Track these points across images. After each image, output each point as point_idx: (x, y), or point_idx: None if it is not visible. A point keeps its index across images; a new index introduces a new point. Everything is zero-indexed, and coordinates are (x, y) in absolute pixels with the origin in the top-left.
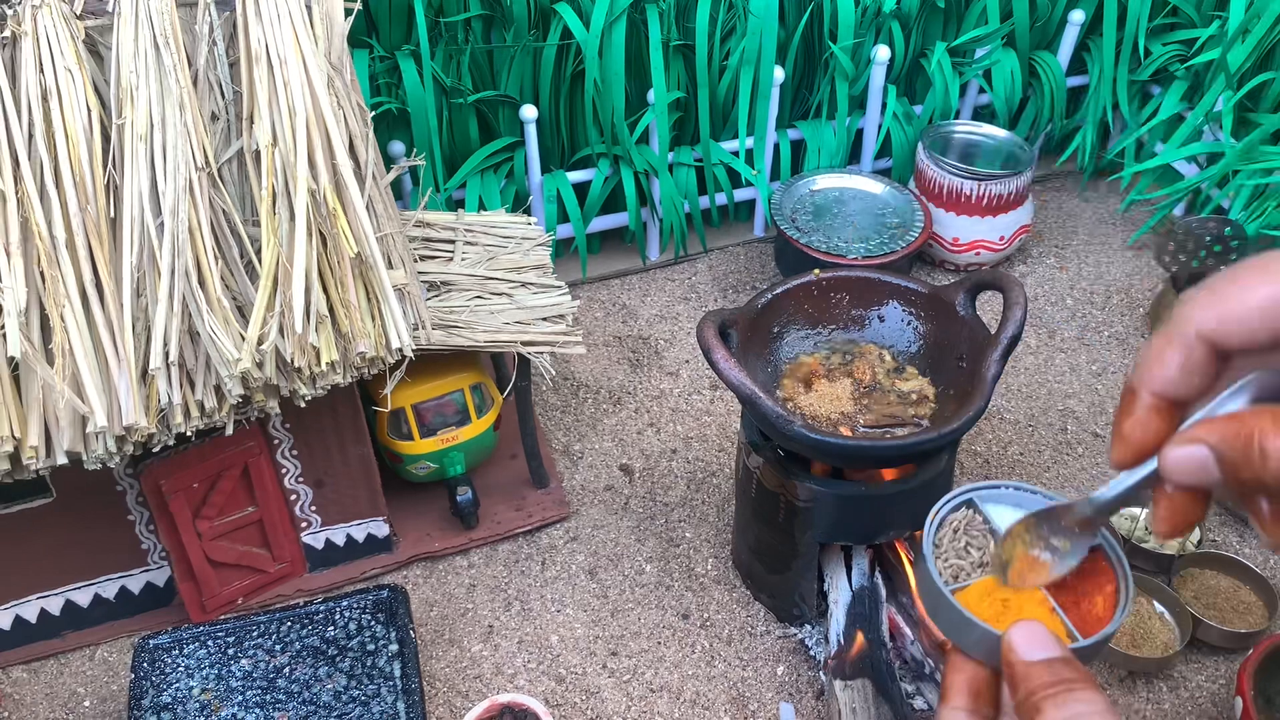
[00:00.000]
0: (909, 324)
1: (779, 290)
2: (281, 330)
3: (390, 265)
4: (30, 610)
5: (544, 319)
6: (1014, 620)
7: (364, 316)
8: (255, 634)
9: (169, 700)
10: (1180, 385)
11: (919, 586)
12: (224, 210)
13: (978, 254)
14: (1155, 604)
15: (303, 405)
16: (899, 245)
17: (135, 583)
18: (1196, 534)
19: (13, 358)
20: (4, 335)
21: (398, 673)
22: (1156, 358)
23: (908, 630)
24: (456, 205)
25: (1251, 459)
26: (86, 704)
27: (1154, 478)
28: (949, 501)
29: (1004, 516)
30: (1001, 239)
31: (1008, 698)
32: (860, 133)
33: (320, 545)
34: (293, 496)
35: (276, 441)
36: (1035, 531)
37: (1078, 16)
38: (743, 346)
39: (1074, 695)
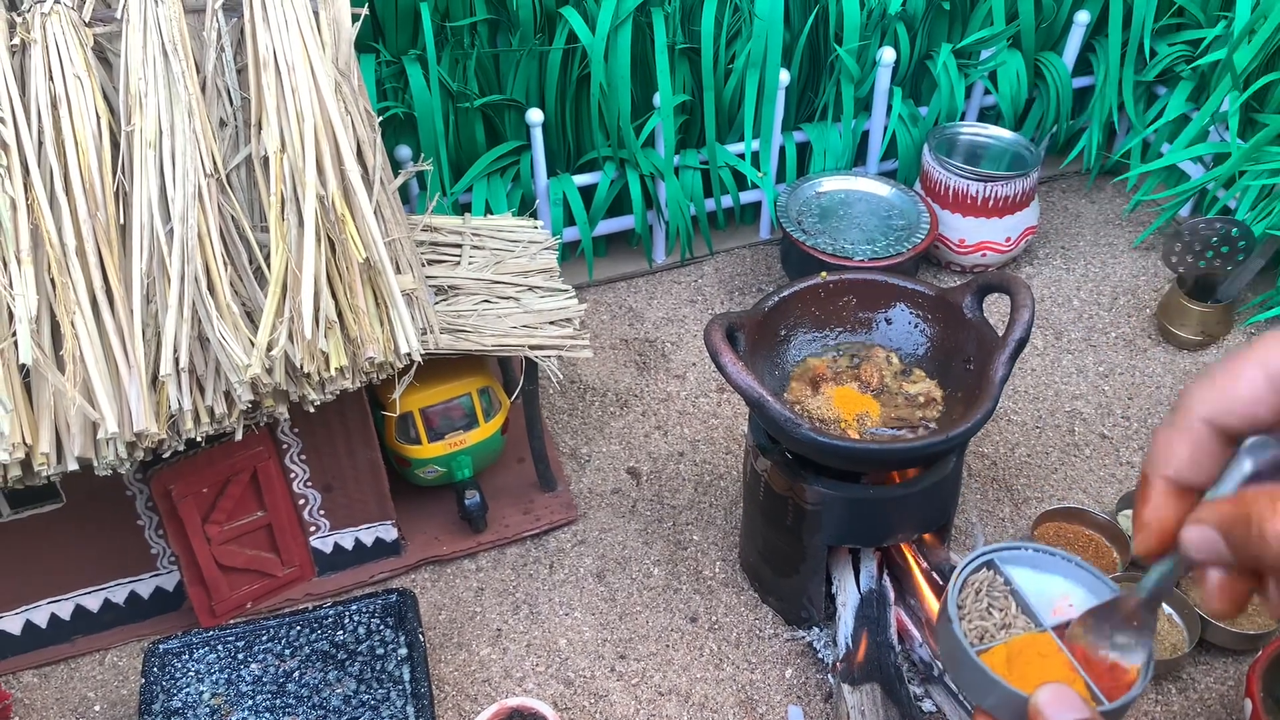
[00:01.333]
0: (916, 326)
1: (786, 293)
2: (291, 336)
3: (398, 270)
4: (40, 615)
5: (551, 322)
6: (1039, 683)
7: (372, 321)
8: (265, 638)
9: (179, 705)
10: (1191, 471)
11: (941, 647)
12: (233, 216)
13: (984, 255)
14: (1164, 606)
15: (311, 410)
16: (905, 247)
17: (145, 587)
18: None
19: (24, 364)
20: (15, 342)
21: (407, 676)
22: (1166, 447)
23: (916, 633)
24: (463, 209)
25: (1251, 540)
26: (97, 709)
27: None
28: (970, 563)
29: (1024, 578)
30: (1008, 240)
31: None
32: (866, 135)
33: (329, 549)
34: (301, 501)
35: (285, 446)
36: (1097, 631)
37: (1083, 17)
38: (750, 349)
39: None
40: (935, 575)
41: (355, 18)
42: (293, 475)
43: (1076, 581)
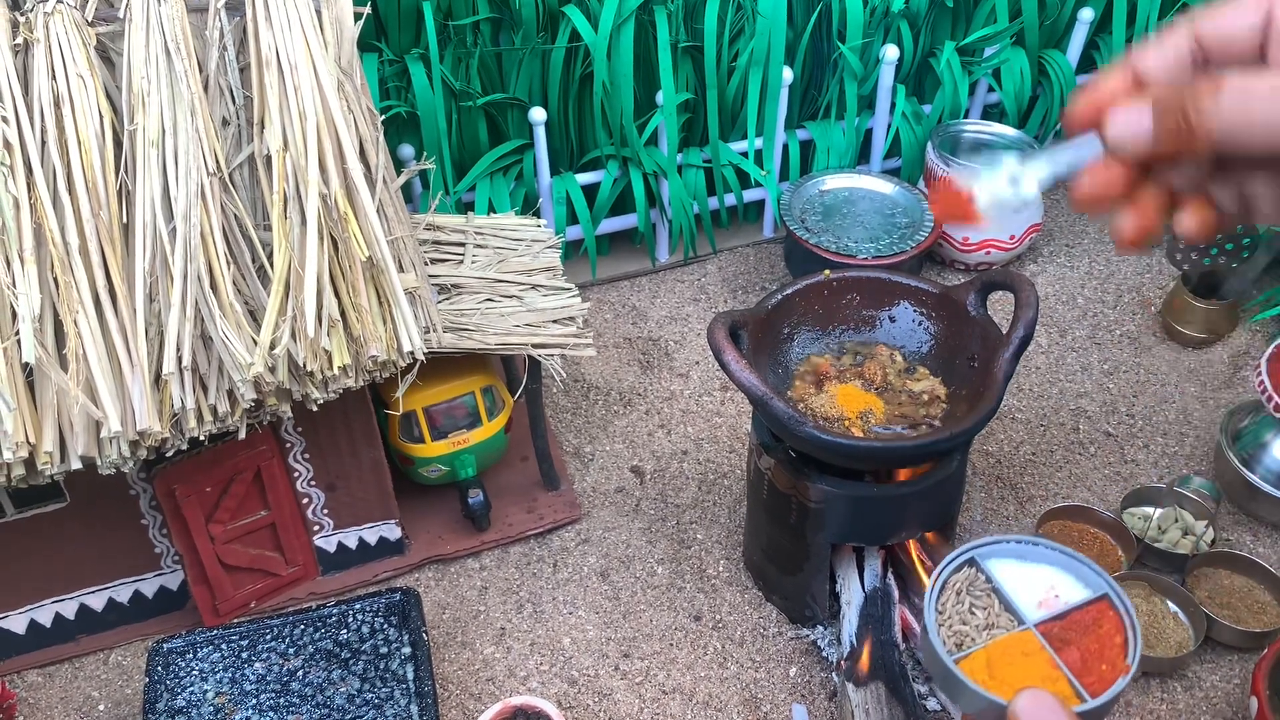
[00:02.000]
0: (920, 324)
1: (789, 291)
2: (294, 334)
3: (401, 268)
4: (45, 614)
5: (554, 321)
6: (1020, 687)
7: (375, 320)
8: (268, 637)
9: (183, 704)
10: (1158, 66)
11: (924, 655)
12: (236, 215)
13: (988, 253)
14: (1169, 604)
15: (315, 409)
16: (909, 245)
17: (149, 587)
18: (1210, 534)
19: (27, 363)
20: (19, 341)
21: (411, 675)
22: (1148, 44)
23: (920, 631)
24: (466, 208)
25: (1186, 118)
26: (101, 708)
27: (1088, 149)
28: (950, 563)
29: (1009, 572)
30: (1012, 238)
31: None
32: (869, 132)
33: (332, 548)
34: (305, 500)
35: (289, 445)
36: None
37: (1087, 14)
38: (753, 348)
39: None
40: None
41: (358, 16)
42: (296, 474)
43: (1064, 570)
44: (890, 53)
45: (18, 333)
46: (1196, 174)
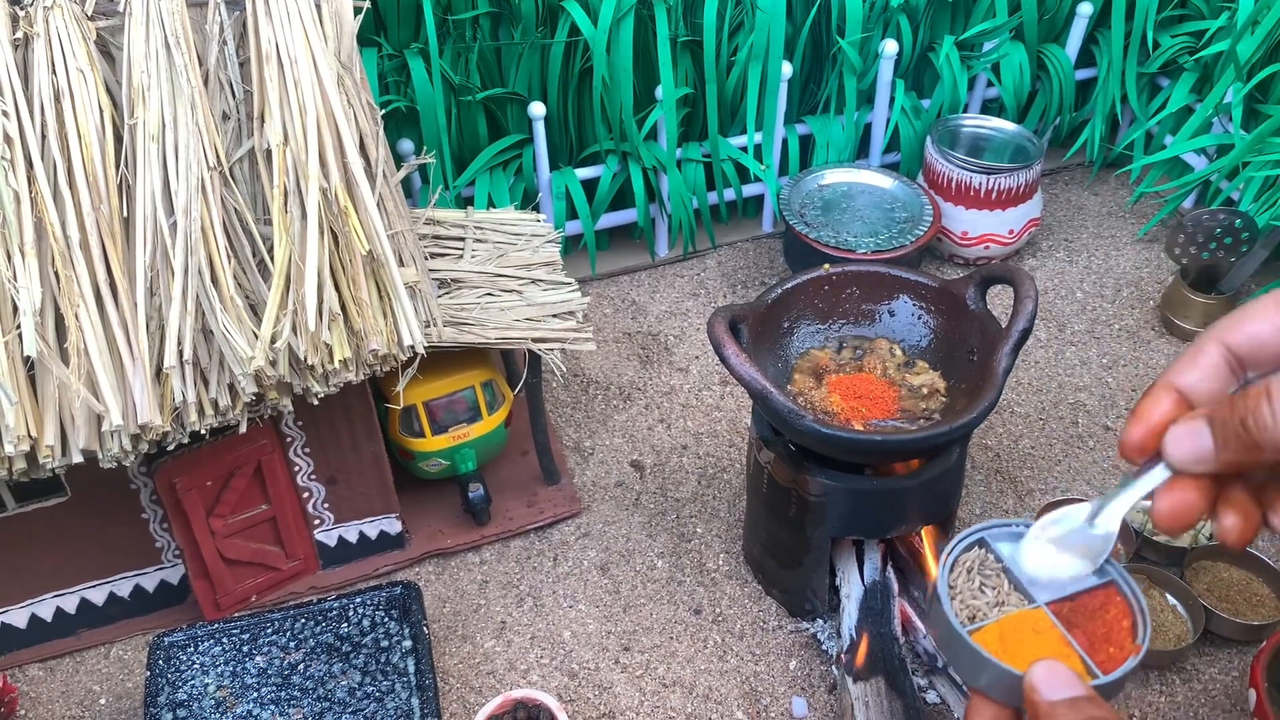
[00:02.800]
0: (919, 318)
1: (789, 285)
2: (294, 328)
3: (401, 263)
4: (46, 609)
5: (554, 316)
6: (1033, 660)
7: (376, 314)
8: (269, 631)
9: (184, 697)
10: (1196, 381)
11: (934, 629)
12: (236, 209)
13: (987, 248)
14: (1168, 597)
15: (315, 403)
16: (908, 240)
17: (150, 581)
18: (1208, 527)
19: (28, 357)
20: (20, 335)
21: (411, 669)
22: (1180, 361)
23: (920, 624)
24: (466, 203)
25: (1244, 428)
26: (102, 701)
27: (1158, 475)
28: (961, 542)
29: (1017, 554)
30: (1011, 232)
31: None
32: (868, 127)
33: (333, 543)
34: (306, 494)
35: (289, 439)
36: (1060, 541)
37: (1086, 9)
38: (753, 342)
39: None
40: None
41: (357, 11)
42: (297, 468)
43: (1072, 554)
44: (889, 47)
45: (19, 326)
46: (1270, 474)
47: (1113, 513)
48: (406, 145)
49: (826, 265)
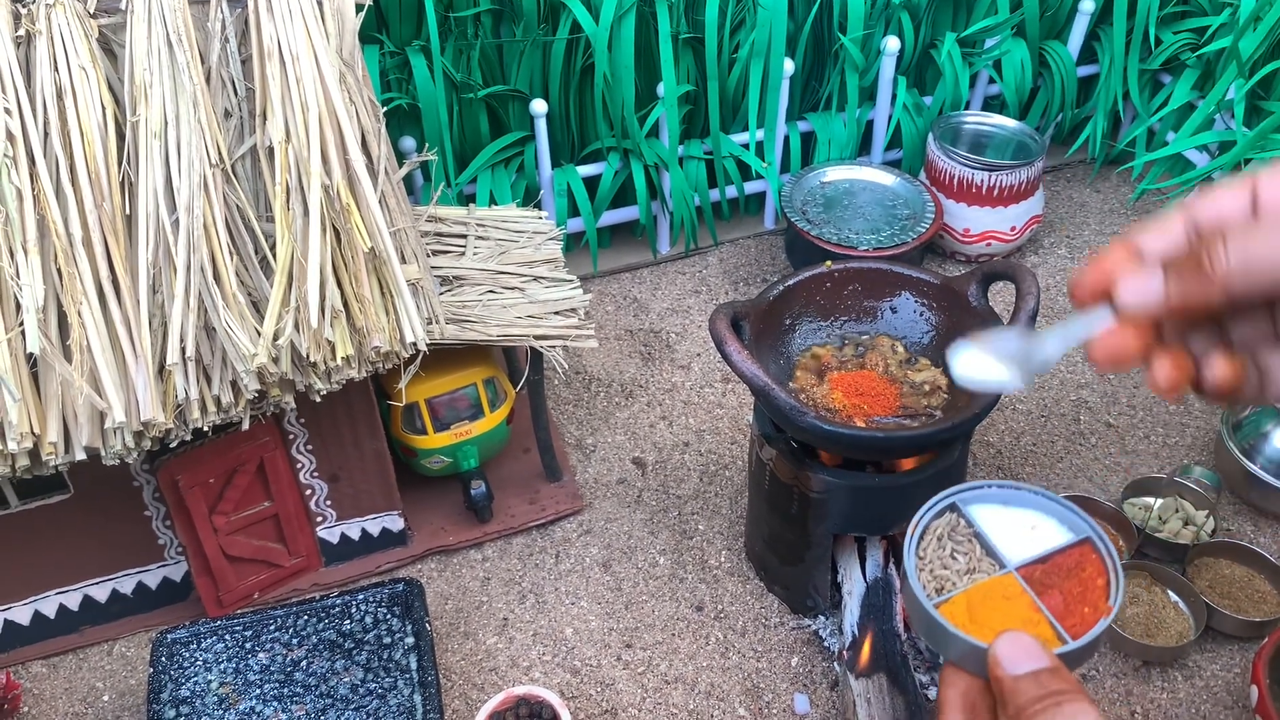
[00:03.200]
0: (921, 315)
1: (791, 282)
2: (297, 325)
3: (404, 260)
4: (49, 606)
5: (556, 313)
6: (1000, 630)
7: (378, 311)
8: (272, 628)
9: (187, 694)
10: (1155, 243)
11: (906, 601)
12: (238, 206)
13: (989, 245)
14: (1169, 593)
15: (318, 400)
16: (910, 237)
17: (152, 578)
18: (1211, 523)
19: (31, 354)
20: (23, 332)
21: (414, 665)
22: (1147, 226)
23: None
24: (468, 200)
25: (1198, 270)
26: (105, 698)
27: (1103, 317)
28: (931, 508)
29: (991, 517)
30: (1013, 229)
31: None
32: (870, 124)
33: (335, 540)
34: (308, 491)
35: (292, 436)
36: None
37: (1088, 5)
38: (755, 339)
39: (1063, 709)
40: None
41: (359, 8)
42: (299, 465)
43: (1047, 514)
44: (891, 44)
45: (22, 324)
46: (1208, 339)
47: (1052, 339)
48: (408, 142)
49: (828, 262)
